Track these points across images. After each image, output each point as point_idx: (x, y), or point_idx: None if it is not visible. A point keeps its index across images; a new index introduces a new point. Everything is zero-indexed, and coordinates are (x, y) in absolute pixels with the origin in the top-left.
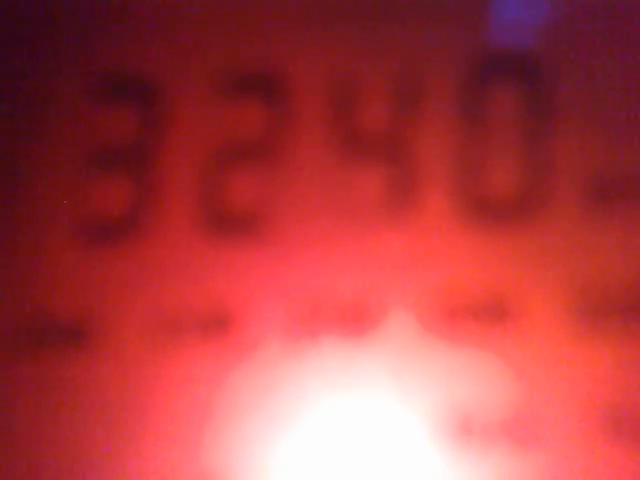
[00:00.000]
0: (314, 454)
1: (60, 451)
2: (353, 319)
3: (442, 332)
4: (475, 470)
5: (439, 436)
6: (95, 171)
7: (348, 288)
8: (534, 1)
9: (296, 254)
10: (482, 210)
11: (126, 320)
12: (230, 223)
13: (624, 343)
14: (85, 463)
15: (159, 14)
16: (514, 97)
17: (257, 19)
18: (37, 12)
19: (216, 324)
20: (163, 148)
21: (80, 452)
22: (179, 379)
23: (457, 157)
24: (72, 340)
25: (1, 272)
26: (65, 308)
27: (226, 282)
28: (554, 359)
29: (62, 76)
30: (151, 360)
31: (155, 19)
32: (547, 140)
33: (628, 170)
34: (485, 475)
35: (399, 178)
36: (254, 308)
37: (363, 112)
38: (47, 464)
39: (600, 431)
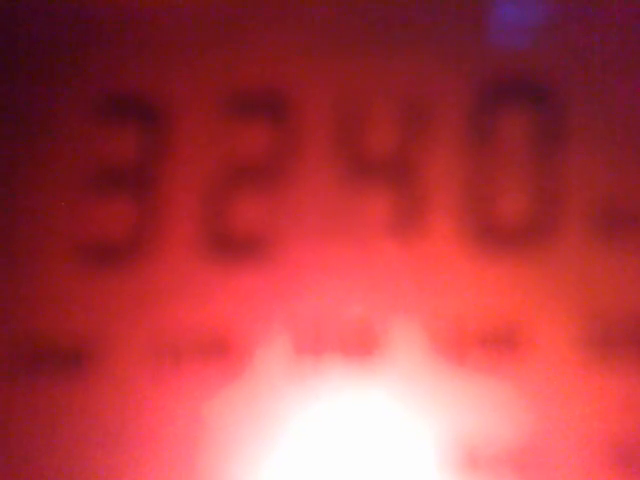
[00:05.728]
0: None
1: (58, 475)
2: (358, 344)
3: (448, 359)
4: None
5: (445, 465)
6: (96, 193)
7: (353, 313)
8: (545, 27)
9: (300, 277)
10: (490, 236)
11: (126, 343)
12: (233, 246)
13: (634, 372)
14: None
15: (162, 35)
16: (524, 122)
17: (262, 40)
18: (37, 33)
19: (218, 348)
20: (166, 170)
21: (78, 476)
22: (179, 403)
23: (465, 182)
24: (71, 363)
25: (0, 294)
26: (64, 331)
27: (228, 305)
28: (563, 388)
29: (63, 98)
30: (151, 384)
31: (158, 40)
32: (557, 166)
33: (639, 197)
34: None
35: (406, 202)
36: (256, 332)
37: (370, 134)
38: None
39: (609, 462)
